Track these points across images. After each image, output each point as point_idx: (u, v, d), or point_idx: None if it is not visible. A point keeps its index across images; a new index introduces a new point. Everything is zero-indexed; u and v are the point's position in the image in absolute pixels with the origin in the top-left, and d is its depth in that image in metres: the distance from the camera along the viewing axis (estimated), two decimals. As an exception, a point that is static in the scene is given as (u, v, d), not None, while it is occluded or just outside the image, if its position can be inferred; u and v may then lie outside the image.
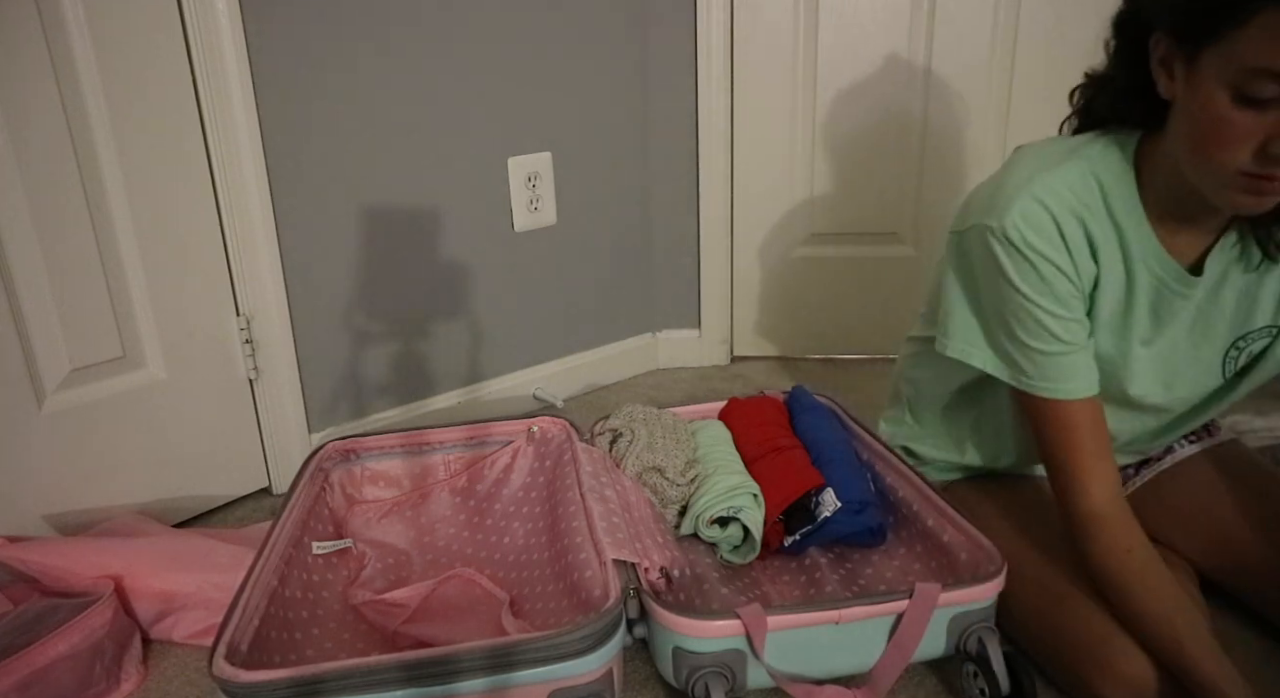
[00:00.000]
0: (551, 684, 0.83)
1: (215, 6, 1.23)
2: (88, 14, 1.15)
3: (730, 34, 1.74)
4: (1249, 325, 0.91)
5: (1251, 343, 0.92)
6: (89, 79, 1.17)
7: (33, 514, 1.23)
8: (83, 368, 1.24)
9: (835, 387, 1.38)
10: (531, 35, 1.57)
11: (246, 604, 0.88)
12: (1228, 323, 0.91)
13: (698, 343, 1.96)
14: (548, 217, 1.69)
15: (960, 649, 0.93)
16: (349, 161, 1.43)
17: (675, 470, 1.19)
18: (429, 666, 0.80)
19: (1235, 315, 0.91)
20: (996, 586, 0.92)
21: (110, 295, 1.25)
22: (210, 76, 1.26)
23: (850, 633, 0.90)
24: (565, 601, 1.01)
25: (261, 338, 1.40)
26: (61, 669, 0.97)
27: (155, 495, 1.34)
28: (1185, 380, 0.95)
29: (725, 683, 0.89)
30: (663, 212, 1.86)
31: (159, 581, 1.09)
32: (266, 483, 1.48)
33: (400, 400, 1.60)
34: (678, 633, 0.89)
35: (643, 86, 1.76)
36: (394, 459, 1.26)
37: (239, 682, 0.77)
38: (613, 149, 1.75)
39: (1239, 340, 0.92)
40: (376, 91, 1.43)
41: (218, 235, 1.33)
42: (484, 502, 1.26)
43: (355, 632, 1.05)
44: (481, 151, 1.57)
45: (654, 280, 1.91)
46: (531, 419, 1.27)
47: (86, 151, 1.19)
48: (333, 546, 1.12)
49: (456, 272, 1.60)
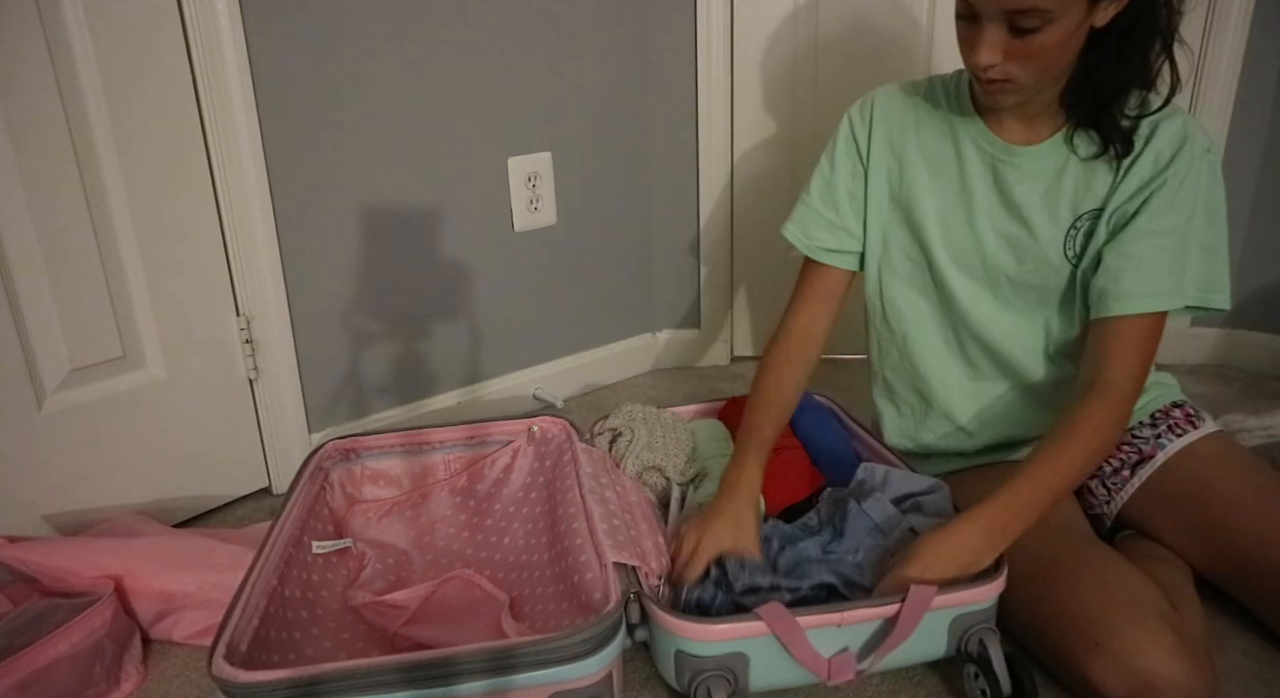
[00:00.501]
0: (551, 687, 0.83)
1: (215, 6, 1.23)
2: (88, 14, 1.15)
3: (730, 33, 1.74)
4: (1085, 206, 1.05)
5: (1084, 223, 1.05)
6: (89, 79, 1.17)
7: (33, 514, 1.23)
8: (83, 368, 1.24)
9: (835, 387, 1.38)
10: (531, 35, 1.57)
11: (246, 604, 0.88)
12: (1069, 205, 1.05)
13: (698, 343, 1.96)
14: (548, 217, 1.69)
15: (961, 650, 0.94)
16: (349, 162, 1.43)
17: (675, 470, 1.20)
18: (428, 667, 0.80)
19: (1074, 199, 1.05)
20: (996, 587, 0.92)
21: (110, 295, 1.25)
22: (210, 76, 1.25)
23: (852, 635, 0.90)
24: (565, 603, 1.01)
25: (261, 338, 1.40)
26: (61, 669, 0.97)
27: (155, 495, 1.34)
28: (1032, 254, 1.08)
29: (727, 686, 0.89)
30: (663, 212, 1.86)
31: (159, 581, 1.09)
32: (266, 483, 1.48)
33: (400, 400, 1.60)
34: (679, 636, 0.89)
35: (643, 86, 1.76)
36: (394, 459, 1.26)
37: (238, 682, 0.77)
38: (613, 149, 1.75)
39: (1076, 221, 1.05)
40: (376, 91, 1.43)
41: (218, 235, 1.33)
42: (484, 502, 1.26)
43: (355, 632, 1.05)
44: (481, 151, 1.57)
45: (654, 280, 1.91)
46: (532, 419, 1.27)
47: (86, 151, 1.19)
48: (332, 545, 1.12)
49: (456, 272, 1.60)
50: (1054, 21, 0.89)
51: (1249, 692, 0.97)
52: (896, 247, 1.16)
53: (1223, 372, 1.82)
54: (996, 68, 0.94)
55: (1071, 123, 1.04)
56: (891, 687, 1.01)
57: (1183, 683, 0.84)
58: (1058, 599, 0.94)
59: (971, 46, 0.94)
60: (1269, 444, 1.32)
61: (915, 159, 1.12)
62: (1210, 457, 1.10)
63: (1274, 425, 1.38)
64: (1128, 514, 1.14)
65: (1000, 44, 0.92)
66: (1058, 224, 1.06)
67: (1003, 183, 1.07)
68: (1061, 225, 1.06)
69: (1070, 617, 0.92)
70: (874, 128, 1.13)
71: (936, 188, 1.11)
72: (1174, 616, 0.90)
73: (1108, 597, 0.90)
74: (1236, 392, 1.73)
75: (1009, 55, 0.93)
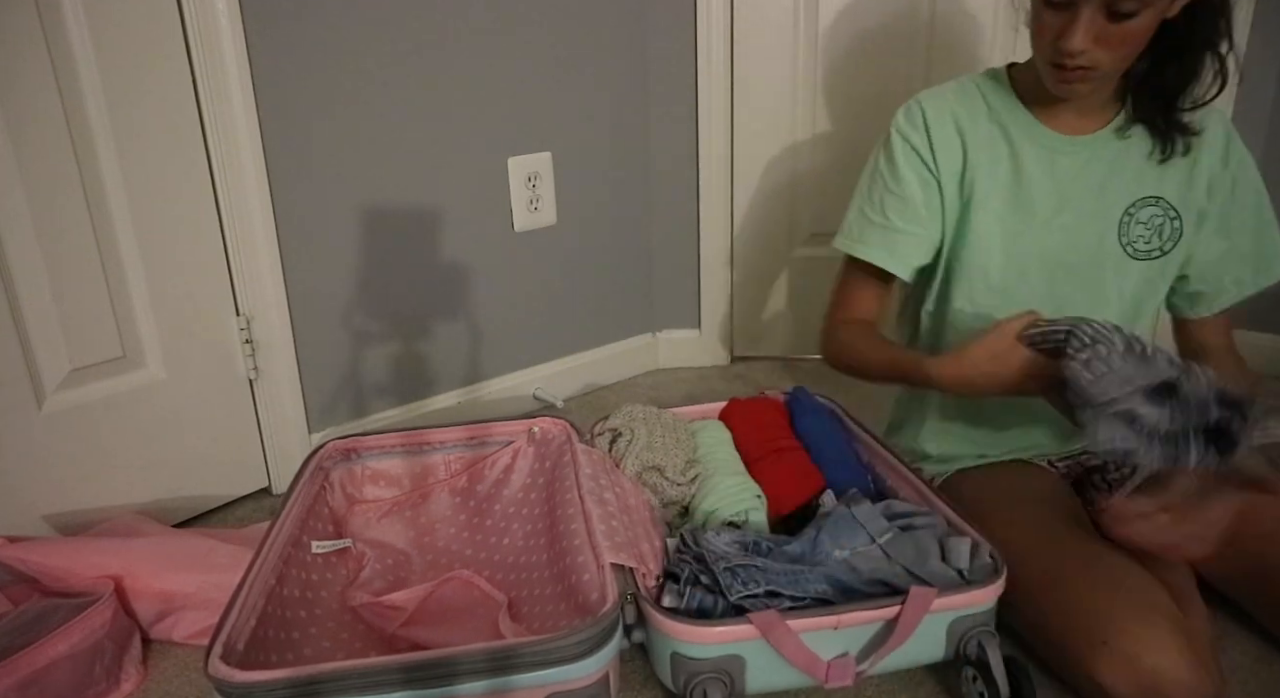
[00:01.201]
0: (548, 688, 0.83)
1: (215, 6, 1.23)
2: (88, 14, 1.15)
3: (730, 34, 1.74)
4: (1138, 193, 1.09)
5: (1138, 210, 1.09)
6: (89, 79, 1.17)
7: (33, 514, 1.24)
8: (83, 368, 1.25)
9: (835, 387, 1.37)
10: (531, 35, 1.57)
11: (244, 604, 0.88)
12: (1124, 191, 1.09)
13: (698, 343, 1.96)
14: (548, 217, 1.69)
15: (960, 653, 0.93)
16: (349, 161, 1.43)
17: (675, 470, 1.19)
18: (426, 668, 0.80)
19: (1128, 185, 1.09)
20: (996, 590, 0.92)
21: (110, 295, 1.25)
22: (210, 76, 1.26)
23: (849, 637, 0.90)
24: (563, 604, 1.01)
25: (261, 338, 1.40)
26: (61, 669, 0.97)
27: (155, 496, 1.35)
28: (1087, 246, 1.10)
29: (724, 689, 0.89)
30: (663, 211, 1.86)
31: (159, 581, 1.10)
32: (266, 483, 1.48)
33: (400, 400, 1.60)
34: (676, 639, 0.89)
35: (643, 86, 1.76)
36: (394, 459, 1.26)
37: (234, 682, 0.77)
38: (613, 149, 1.75)
39: (1130, 207, 1.09)
40: (376, 91, 1.43)
41: (218, 235, 1.33)
42: (484, 502, 1.26)
43: (353, 632, 1.05)
44: (481, 151, 1.57)
45: (654, 280, 1.91)
46: (532, 419, 1.27)
47: (86, 151, 1.19)
48: (332, 545, 1.12)
49: (456, 272, 1.60)
50: (1150, 6, 0.91)
51: (1249, 692, 0.97)
52: (960, 255, 1.14)
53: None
54: (1085, 54, 0.94)
55: (1126, 114, 1.07)
56: (890, 687, 1.01)
57: (1189, 682, 0.84)
58: (1064, 597, 0.94)
59: (1061, 32, 0.94)
60: (1268, 444, 1.32)
61: (976, 158, 1.11)
62: None
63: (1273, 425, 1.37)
64: (1128, 515, 1.14)
65: (1095, 30, 0.93)
66: (1112, 212, 1.09)
67: (1060, 174, 1.09)
68: (1115, 213, 1.09)
69: (1076, 614, 0.91)
70: (932, 134, 1.11)
71: (995, 185, 1.11)
72: (1180, 615, 0.90)
73: (1114, 595, 0.90)
74: (1237, 392, 1.72)
75: (1098, 41, 0.93)
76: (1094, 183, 1.09)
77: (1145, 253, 1.11)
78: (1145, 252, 1.11)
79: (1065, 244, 1.10)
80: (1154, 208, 1.09)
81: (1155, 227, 1.10)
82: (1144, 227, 1.10)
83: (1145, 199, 1.09)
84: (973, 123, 1.11)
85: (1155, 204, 1.09)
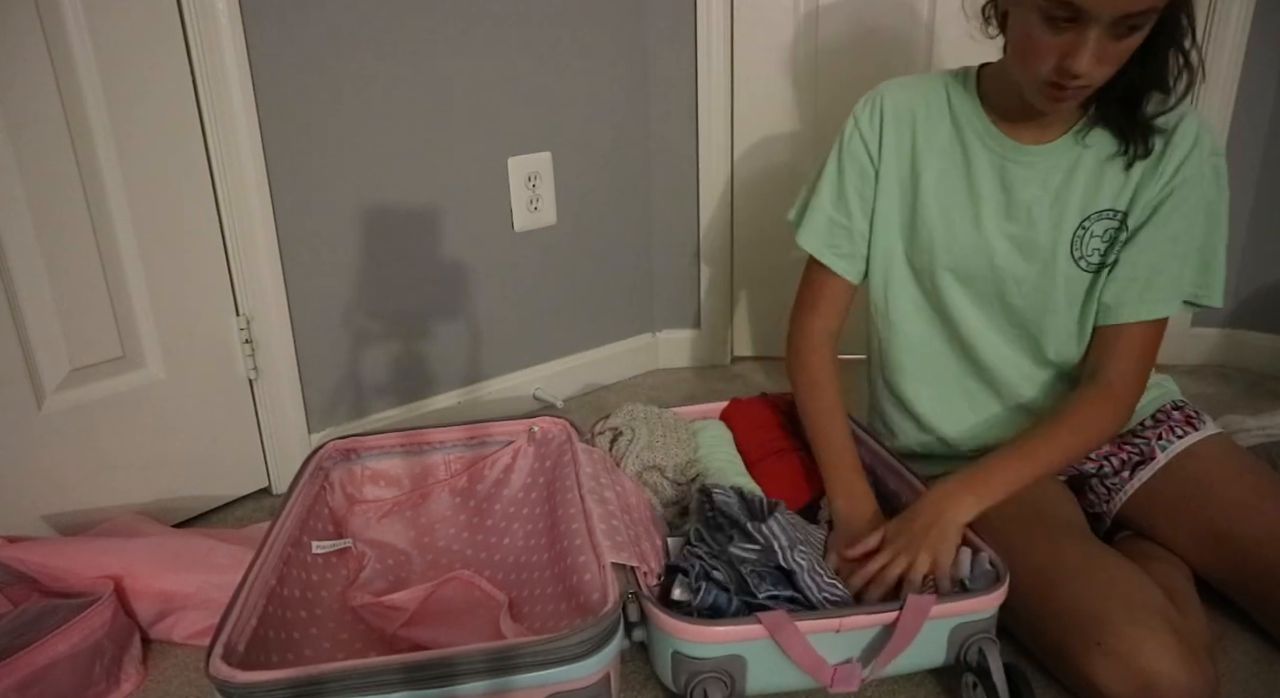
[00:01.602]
0: (549, 688, 0.83)
1: (215, 7, 1.23)
2: (88, 14, 1.15)
3: (730, 34, 1.74)
4: (1094, 207, 1.06)
5: (1093, 223, 1.06)
6: (89, 79, 1.17)
7: (33, 514, 1.23)
8: (83, 368, 1.25)
9: (835, 387, 1.38)
10: (531, 35, 1.57)
11: (244, 604, 0.88)
12: (1078, 203, 1.06)
13: (698, 343, 1.96)
14: (548, 217, 1.69)
15: (960, 659, 0.93)
16: (349, 161, 1.43)
17: (675, 470, 1.19)
18: (427, 668, 0.80)
19: (1083, 198, 1.06)
20: (998, 597, 0.92)
21: (110, 295, 1.25)
22: (210, 76, 1.25)
23: (850, 641, 0.90)
24: (564, 604, 1.01)
25: (261, 338, 1.40)
26: (61, 669, 0.97)
27: (155, 496, 1.34)
28: (1038, 256, 1.08)
29: (724, 689, 0.89)
30: (663, 212, 1.86)
31: (159, 581, 1.10)
32: (266, 483, 1.48)
33: (400, 400, 1.60)
34: (677, 638, 0.89)
35: (643, 86, 1.76)
36: (394, 459, 1.26)
37: (235, 682, 0.77)
38: (613, 149, 1.75)
39: (1085, 220, 1.06)
40: (376, 91, 1.43)
41: (218, 235, 1.33)
42: (484, 502, 1.26)
43: (354, 632, 1.05)
44: (481, 152, 1.57)
45: (654, 280, 1.91)
46: (532, 419, 1.27)
47: (86, 151, 1.19)
48: (332, 545, 1.12)
49: (456, 272, 1.60)
50: (1151, 21, 0.89)
51: (1249, 692, 0.97)
52: (899, 258, 1.15)
53: (1223, 372, 1.82)
54: (1087, 73, 0.90)
55: (1087, 121, 1.04)
56: (890, 688, 1.01)
57: (1184, 683, 0.84)
58: (1059, 598, 0.94)
59: (1066, 52, 0.89)
60: (1267, 444, 1.32)
61: (926, 160, 1.10)
62: (1210, 459, 1.10)
63: (1273, 426, 1.37)
64: (1127, 515, 1.14)
65: (1100, 49, 0.89)
66: (1065, 224, 1.06)
67: (1010, 183, 1.07)
68: (1069, 226, 1.06)
69: (1072, 616, 0.92)
70: (885, 128, 1.11)
71: (944, 190, 1.10)
72: (1175, 616, 0.90)
73: (1109, 596, 0.90)
74: (1237, 392, 1.72)
75: (1101, 59, 0.90)
76: (1048, 194, 1.06)
77: (1095, 266, 1.08)
78: (1096, 265, 1.08)
79: (1013, 255, 1.08)
80: (1110, 221, 1.06)
81: (1109, 238, 1.06)
82: (1098, 239, 1.06)
83: (1102, 213, 1.05)
84: (930, 124, 1.10)
85: (1112, 218, 1.05)
